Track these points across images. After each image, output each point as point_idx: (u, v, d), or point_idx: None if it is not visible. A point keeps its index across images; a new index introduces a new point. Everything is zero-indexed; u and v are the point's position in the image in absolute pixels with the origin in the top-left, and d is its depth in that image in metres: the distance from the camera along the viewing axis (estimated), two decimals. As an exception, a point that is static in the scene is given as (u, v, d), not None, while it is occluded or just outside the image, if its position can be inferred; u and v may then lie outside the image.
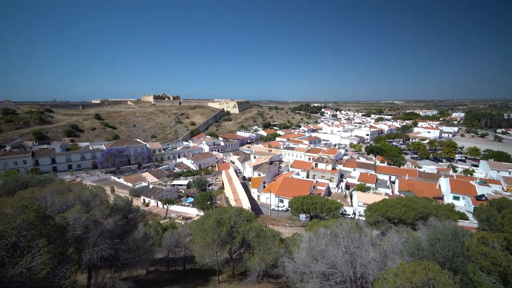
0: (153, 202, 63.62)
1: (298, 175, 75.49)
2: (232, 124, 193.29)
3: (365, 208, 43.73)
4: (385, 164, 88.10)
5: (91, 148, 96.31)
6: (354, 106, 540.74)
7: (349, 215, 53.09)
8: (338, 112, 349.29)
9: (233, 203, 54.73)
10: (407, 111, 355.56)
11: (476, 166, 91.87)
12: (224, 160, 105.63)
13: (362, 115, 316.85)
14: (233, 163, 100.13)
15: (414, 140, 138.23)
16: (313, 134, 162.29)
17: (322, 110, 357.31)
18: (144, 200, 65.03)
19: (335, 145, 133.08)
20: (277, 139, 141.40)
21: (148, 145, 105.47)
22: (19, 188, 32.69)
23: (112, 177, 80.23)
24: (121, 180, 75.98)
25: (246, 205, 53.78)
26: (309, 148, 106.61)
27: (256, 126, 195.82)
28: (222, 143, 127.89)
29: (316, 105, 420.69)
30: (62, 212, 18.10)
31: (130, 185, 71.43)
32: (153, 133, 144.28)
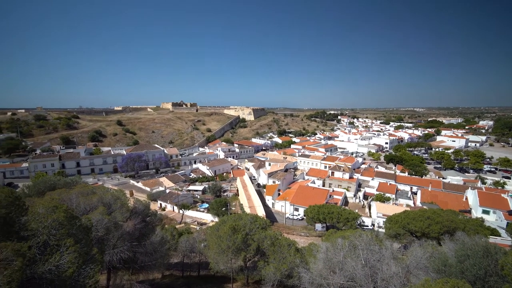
0: (169, 207, 64.84)
1: (314, 183, 74.07)
2: (247, 131, 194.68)
3: (385, 220, 41.89)
4: (406, 174, 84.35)
5: (112, 152, 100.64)
6: (372, 113, 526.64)
7: (367, 226, 51.01)
8: (355, 120, 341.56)
9: (247, 210, 54.57)
10: (429, 119, 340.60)
11: (508, 178, 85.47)
12: (239, 166, 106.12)
13: (381, 123, 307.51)
14: (248, 170, 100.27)
15: (437, 149, 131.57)
16: (329, 142, 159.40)
17: (339, 117, 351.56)
18: (161, 204, 66.47)
19: (352, 153, 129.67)
20: (292, 146, 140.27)
21: (165, 151, 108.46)
22: (48, 189, 34.68)
23: (131, 181, 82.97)
24: (140, 184, 78.36)
25: (261, 212, 53.37)
26: (325, 156, 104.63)
27: (271, 133, 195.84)
28: (237, 150, 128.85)
29: (332, 112, 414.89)
30: (86, 213, 18.93)
31: (148, 189, 73.44)
32: (171, 139, 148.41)
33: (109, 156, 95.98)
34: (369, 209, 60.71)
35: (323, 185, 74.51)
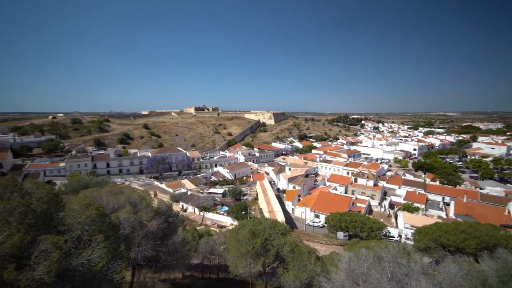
0: (190, 208, 66.43)
1: (336, 190, 71.81)
2: (267, 135, 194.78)
3: (413, 231, 39.34)
4: (437, 183, 78.74)
5: (138, 154, 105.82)
6: (398, 118, 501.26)
7: (393, 237, 48.18)
8: (380, 125, 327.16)
9: (267, 215, 54.20)
10: (464, 124, 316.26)
11: (559, 190, 76.25)
12: (258, 170, 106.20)
13: (408, 128, 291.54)
14: (268, 174, 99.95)
15: (473, 157, 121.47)
16: (352, 147, 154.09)
17: (362, 122, 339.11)
18: (182, 205, 68.33)
19: (377, 160, 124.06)
20: (313, 151, 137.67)
21: (188, 154, 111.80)
22: (81, 188, 37.32)
23: (155, 182, 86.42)
24: (163, 186, 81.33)
25: (281, 218, 52.74)
26: (348, 162, 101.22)
27: (291, 138, 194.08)
28: (257, 154, 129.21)
29: (355, 116, 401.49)
30: (115, 211, 20.00)
31: (171, 190, 75.96)
32: (193, 142, 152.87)
33: (136, 158, 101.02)
34: (396, 219, 57.41)
35: (346, 192, 71.95)
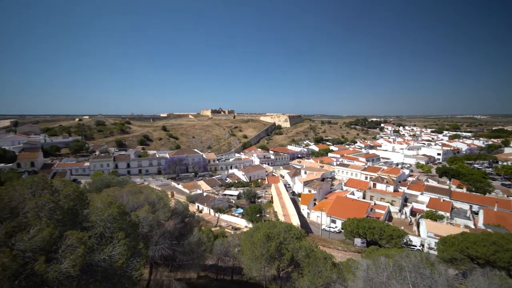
0: (205, 209, 67.36)
1: (353, 194, 69.76)
2: (283, 138, 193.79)
3: (437, 241, 37.24)
4: (464, 190, 74.10)
5: (157, 156, 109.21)
6: (420, 121, 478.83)
7: (415, 246, 45.84)
8: (401, 128, 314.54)
9: (281, 218, 53.74)
10: (494, 128, 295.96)
11: None
12: (273, 173, 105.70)
13: (432, 132, 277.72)
14: (283, 177, 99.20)
15: (505, 163, 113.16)
16: (371, 151, 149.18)
17: (382, 125, 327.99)
18: (198, 206, 69.47)
19: (397, 164, 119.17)
20: (329, 154, 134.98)
21: (204, 156, 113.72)
22: (104, 186, 39.09)
23: (173, 183, 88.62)
24: (180, 186, 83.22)
25: (296, 221, 52.04)
26: (366, 166, 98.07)
27: (307, 141, 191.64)
28: (272, 157, 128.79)
29: (374, 119, 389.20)
30: (134, 210, 20.74)
31: (187, 191, 77.54)
32: (209, 144, 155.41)
33: (154, 159, 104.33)
34: (418, 227, 54.66)
35: (364, 197, 69.69)
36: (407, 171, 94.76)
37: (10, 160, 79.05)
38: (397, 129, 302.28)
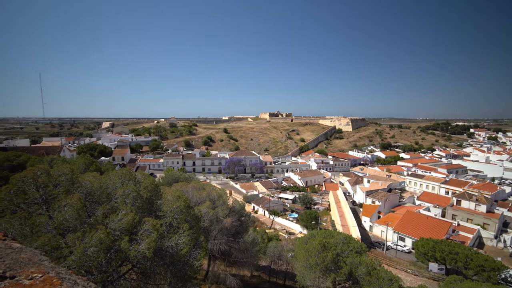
0: (261, 211, 68.75)
1: (429, 211, 59.86)
2: (343, 143, 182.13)
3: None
4: None
5: (218, 156, 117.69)
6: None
7: (519, 285, 36.06)
8: (499, 134, 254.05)
9: (339, 229, 50.34)
10: None
11: None
12: (332, 180, 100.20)
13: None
14: (342, 184, 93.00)
15: None
16: (455, 161, 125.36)
17: (471, 130, 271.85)
18: (254, 207, 71.50)
19: (493, 179, 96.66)
20: (399, 163, 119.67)
21: (261, 158, 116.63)
22: (174, 181, 44.28)
23: (231, 182, 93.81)
24: (238, 186, 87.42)
25: (356, 234, 47.93)
26: (447, 179, 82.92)
27: (372, 147, 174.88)
28: (331, 162, 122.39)
29: (460, 123, 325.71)
30: (197, 205, 22.77)
31: (244, 191, 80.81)
32: (266, 147, 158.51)
33: (216, 158, 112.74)
34: (523, 260, 42.93)
35: (443, 216, 58.96)
36: (508, 189, 75.76)
37: (108, 154, 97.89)
38: (494, 135, 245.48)
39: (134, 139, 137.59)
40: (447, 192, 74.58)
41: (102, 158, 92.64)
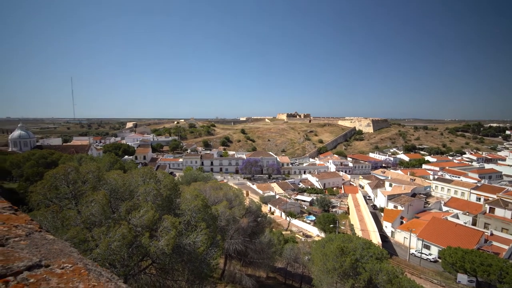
0: (277, 212, 68.34)
1: (457, 218, 56.10)
2: (363, 144, 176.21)
3: None
4: None
5: (235, 156, 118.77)
6: None
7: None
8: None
9: (359, 233, 48.71)
10: None
11: None
12: (351, 182, 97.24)
13: None
14: (362, 187, 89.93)
15: None
16: (488, 166, 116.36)
17: (507, 132, 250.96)
18: (270, 208, 71.24)
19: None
20: (424, 166, 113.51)
21: (278, 159, 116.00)
22: (192, 180, 45.34)
23: (248, 183, 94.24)
24: (254, 187, 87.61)
25: (376, 239, 46.15)
26: (478, 184, 77.21)
27: (394, 149, 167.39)
28: (350, 164, 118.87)
29: (494, 125, 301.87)
30: (214, 204, 23.15)
31: (261, 192, 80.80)
32: (283, 148, 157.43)
33: (233, 159, 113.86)
34: None
35: (474, 224, 54.99)
36: (549, 197, 68.90)
37: (131, 153, 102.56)
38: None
39: (155, 139, 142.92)
40: (478, 199, 69.49)
41: (126, 156, 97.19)
